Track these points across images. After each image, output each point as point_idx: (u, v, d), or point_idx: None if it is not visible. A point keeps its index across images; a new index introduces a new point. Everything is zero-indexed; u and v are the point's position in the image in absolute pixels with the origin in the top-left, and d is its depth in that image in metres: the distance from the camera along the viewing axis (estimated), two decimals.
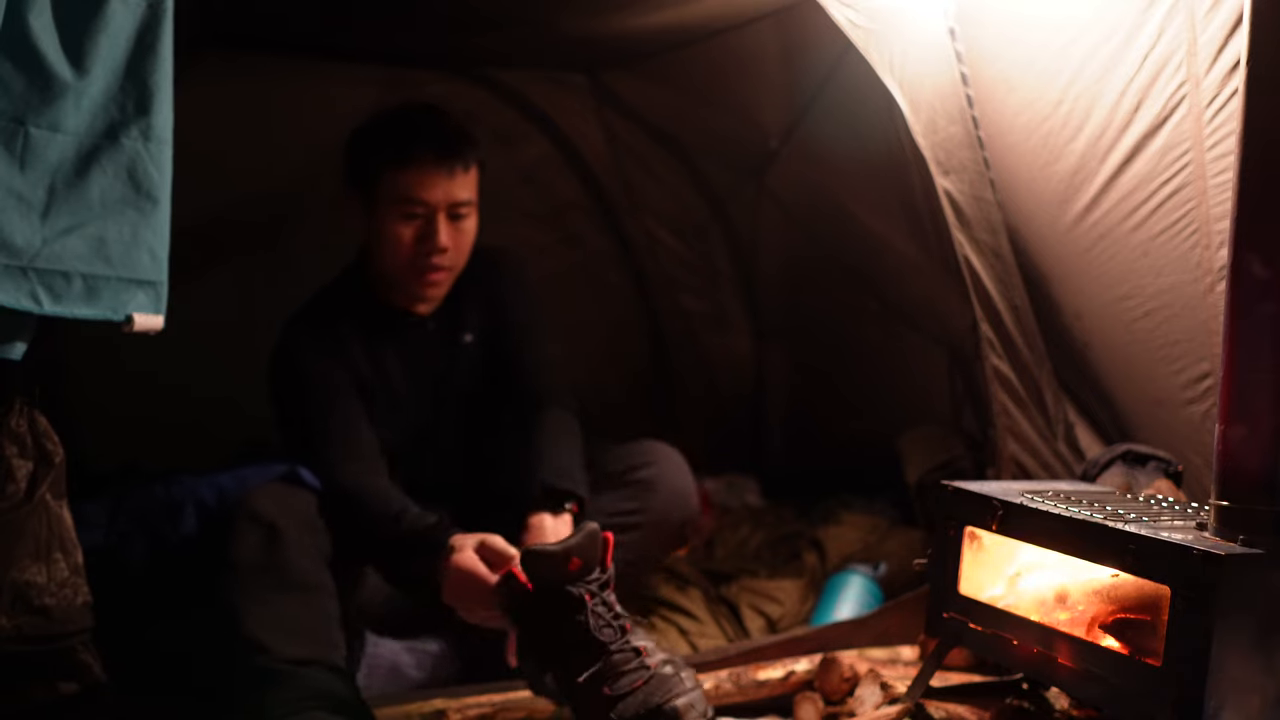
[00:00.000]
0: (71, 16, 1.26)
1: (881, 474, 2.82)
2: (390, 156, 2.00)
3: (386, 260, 2.05)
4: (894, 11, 1.94)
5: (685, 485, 2.15)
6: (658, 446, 2.17)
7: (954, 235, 2.05)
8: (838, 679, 1.80)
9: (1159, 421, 2.04)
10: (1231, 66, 1.63)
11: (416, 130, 2.03)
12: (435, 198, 1.99)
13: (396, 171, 1.99)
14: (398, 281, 2.08)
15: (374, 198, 2.02)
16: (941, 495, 1.66)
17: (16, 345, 1.28)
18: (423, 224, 2.01)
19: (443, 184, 1.99)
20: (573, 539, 1.60)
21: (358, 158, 2.07)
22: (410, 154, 1.99)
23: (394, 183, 1.99)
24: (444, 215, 2.01)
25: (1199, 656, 1.25)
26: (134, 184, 1.31)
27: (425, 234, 2.00)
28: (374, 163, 2.02)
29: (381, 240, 2.03)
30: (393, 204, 2.00)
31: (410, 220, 2.00)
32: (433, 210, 2.00)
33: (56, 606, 1.43)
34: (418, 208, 1.99)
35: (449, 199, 2.01)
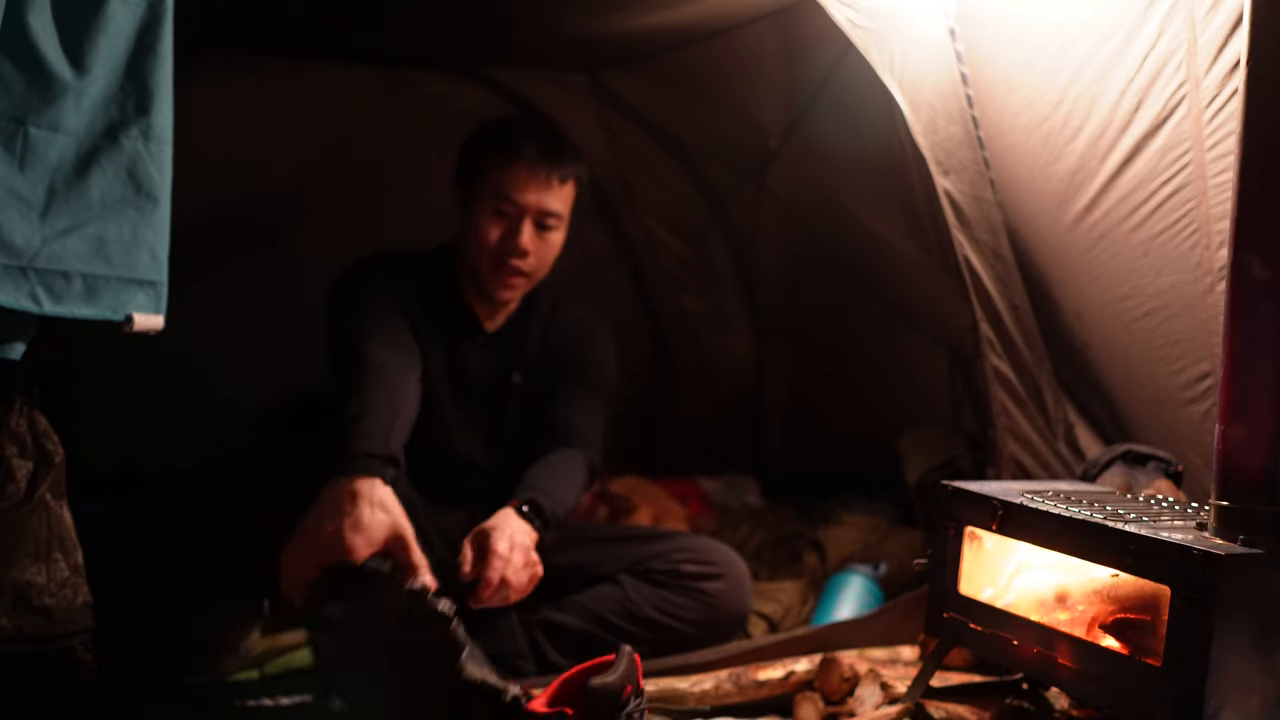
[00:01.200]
0: (71, 16, 1.26)
1: (881, 474, 2.82)
2: (495, 154, 2.08)
3: (471, 252, 2.10)
4: (894, 11, 1.94)
5: (746, 604, 2.11)
6: (730, 557, 2.13)
7: (954, 235, 2.05)
8: (838, 679, 1.80)
9: (1159, 421, 2.04)
10: (1231, 66, 1.63)
11: (525, 133, 2.11)
12: (528, 200, 2.05)
13: (497, 169, 2.06)
14: (477, 275, 2.11)
15: (473, 193, 2.09)
16: (941, 495, 1.66)
17: (16, 345, 1.28)
18: (510, 224, 2.06)
19: (537, 189, 2.05)
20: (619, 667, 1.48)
21: (466, 153, 2.15)
22: (514, 153, 2.06)
23: (493, 179, 2.06)
24: (531, 220, 2.06)
25: (1199, 656, 1.25)
26: (134, 184, 1.31)
27: (509, 232, 2.06)
28: (479, 159, 2.10)
29: (470, 234, 2.09)
30: (487, 199, 2.06)
31: (499, 218, 2.06)
32: (522, 212, 2.06)
33: (56, 606, 1.43)
34: (509, 206, 2.05)
35: (540, 205, 2.06)
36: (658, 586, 2.02)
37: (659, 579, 2.03)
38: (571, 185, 2.11)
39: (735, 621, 2.10)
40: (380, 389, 1.83)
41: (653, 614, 2.00)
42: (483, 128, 2.17)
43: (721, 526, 2.93)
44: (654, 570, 2.03)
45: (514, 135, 2.10)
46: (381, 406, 1.80)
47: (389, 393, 1.84)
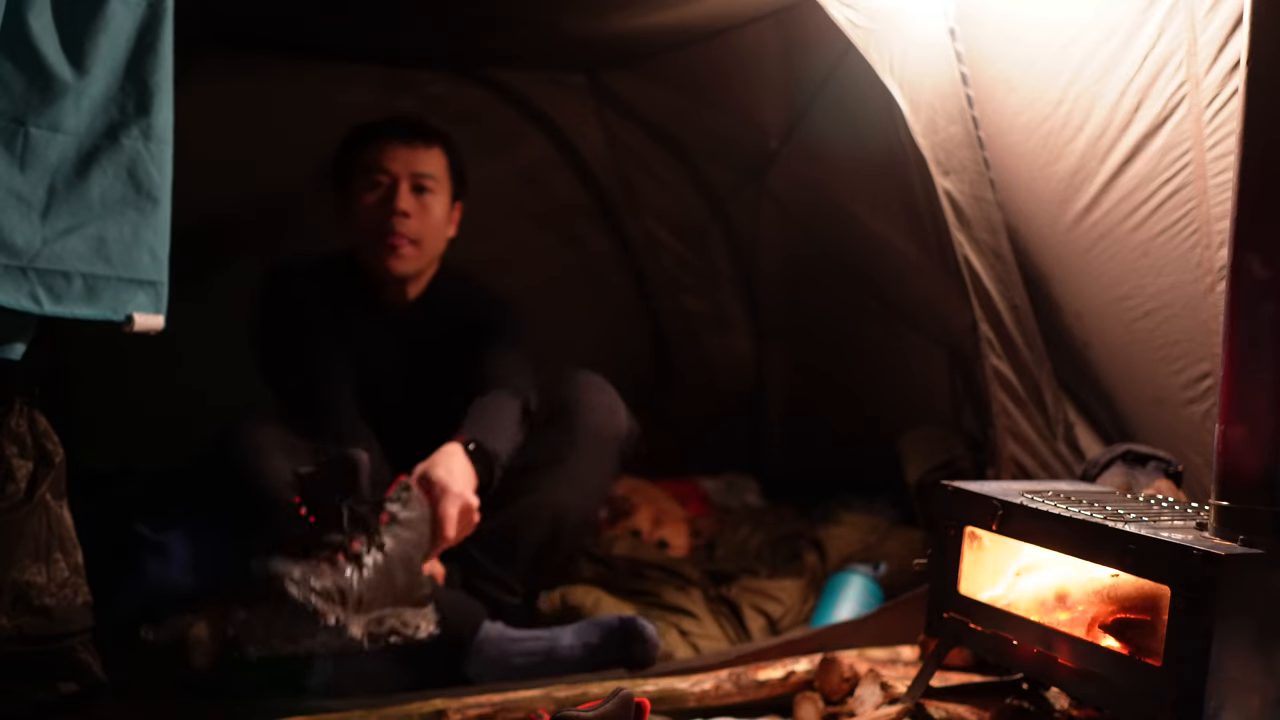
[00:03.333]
0: (71, 16, 1.27)
1: (881, 474, 2.82)
2: (359, 139, 2.18)
3: (359, 234, 2.16)
4: (894, 11, 1.94)
5: (608, 403, 2.15)
6: (576, 373, 2.20)
7: (954, 235, 2.06)
8: (838, 679, 1.80)
9: (1159, 421, 2.04)
10: (1231, 66, 1.63)
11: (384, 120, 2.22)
12: (396, 166, 2.13)
13: (363, 148, 2.16)
14: (368, 259, 2.16)
15: (348, 179, 2.16)
16: (942, 495, 1.66)
17: (16, 345, 1.28)
18: (385, 191, 2.13)
19: (404, 154, 2.13)
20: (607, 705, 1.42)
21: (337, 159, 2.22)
22: (375, 130, 2.16)
23: (362, 159, 2.15)
24: (407, 185, 2.13)
25: (1199, 656, 1.25)
26: (134, 184, 1.31)
27: (386, 198, 2.12)
28: (346, 153, 2.19)
29: (353, 216, 2.16)
30: (358, 175, 2.14)
31: (374, 189, 2.13)
32: (395, 179, 2.12)
33: (56, 606, 1.43)
34: (381, 175, 2.12)
35: (410, 168, 2.13)
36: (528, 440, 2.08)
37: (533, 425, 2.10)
38: (440, 151, 2.18)
39: (602, 416, 2.13)
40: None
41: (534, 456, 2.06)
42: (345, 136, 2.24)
43: (721, 526, 2.93)
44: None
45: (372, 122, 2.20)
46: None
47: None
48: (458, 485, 1.87)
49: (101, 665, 1.49)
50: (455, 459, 1.92)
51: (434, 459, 1.92)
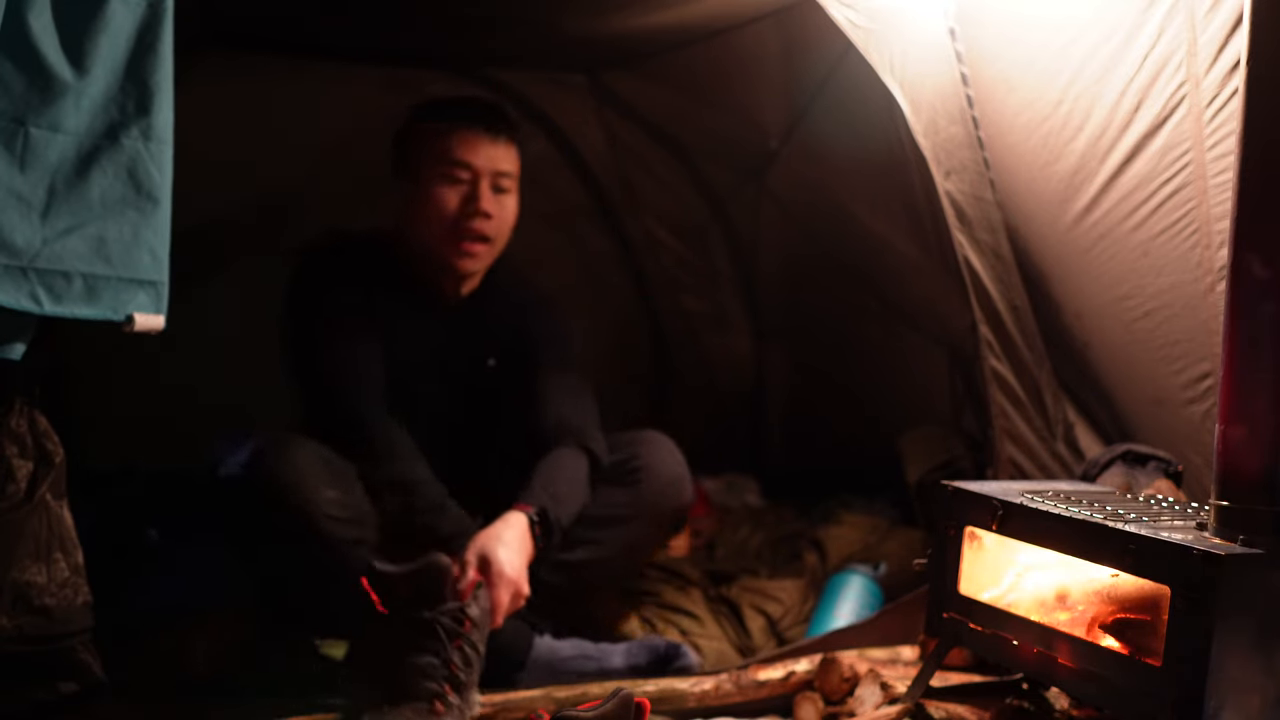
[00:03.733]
0: (71, 16, 1.27)
1: (881, 474, 2.82)
2: (435, 124, 2.03)
3: (428, 228, 2.03)
4: (894, 11, 1.94)
5: (676, 473, 2.11)
6: (647, 435, 2.15)
7: (954, 235, 2.05)
8: (838, 679, 1.80)
9: (1159, 421, 2.04)
10: (1231, 66, 1.63)
11: (462, 100, 2.10)
12: (479, 162, 2.01)
13: (441, 135, 2.01)
14: (434, 252, 2.05)
15: (418, 169, 2.03)
16: (942, 495, 1.66)
17: (16, 345, 1.28)
18: (466, 189, 2.01)
19: (486, 149, 2.01)
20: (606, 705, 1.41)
21: (402, 137, 2.09)
22: (456, 117, 2.02)
23: (439, 147, 2.01)
24: (488, 183, 2.01)
25: (1199, 656, 1.25)
26: (134, 184, 1.31)
27: (468, 197, 2.00)
28: (418, 136, 2.05)
29: (423, 206, 2.02)
30: (435, 165, 2.01)
31: (454, 184, 2.01)
32: (477, 175, 2.01)
33: (56, 606, 1.43)
34: (462, 171, 2.00)
35: (493, 166, 2.02)
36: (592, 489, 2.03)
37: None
38: (516, 147, 2.07)
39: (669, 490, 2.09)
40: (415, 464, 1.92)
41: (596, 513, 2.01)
42: (413, 111, 2.11)
43: (721, 526, 2.93)
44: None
45: (449, 104, 2.08)
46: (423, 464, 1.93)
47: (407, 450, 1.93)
48: (513, 569, 1.80)
49: (101, 665, 1.49)
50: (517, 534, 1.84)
51: (496, 532, 1.83)
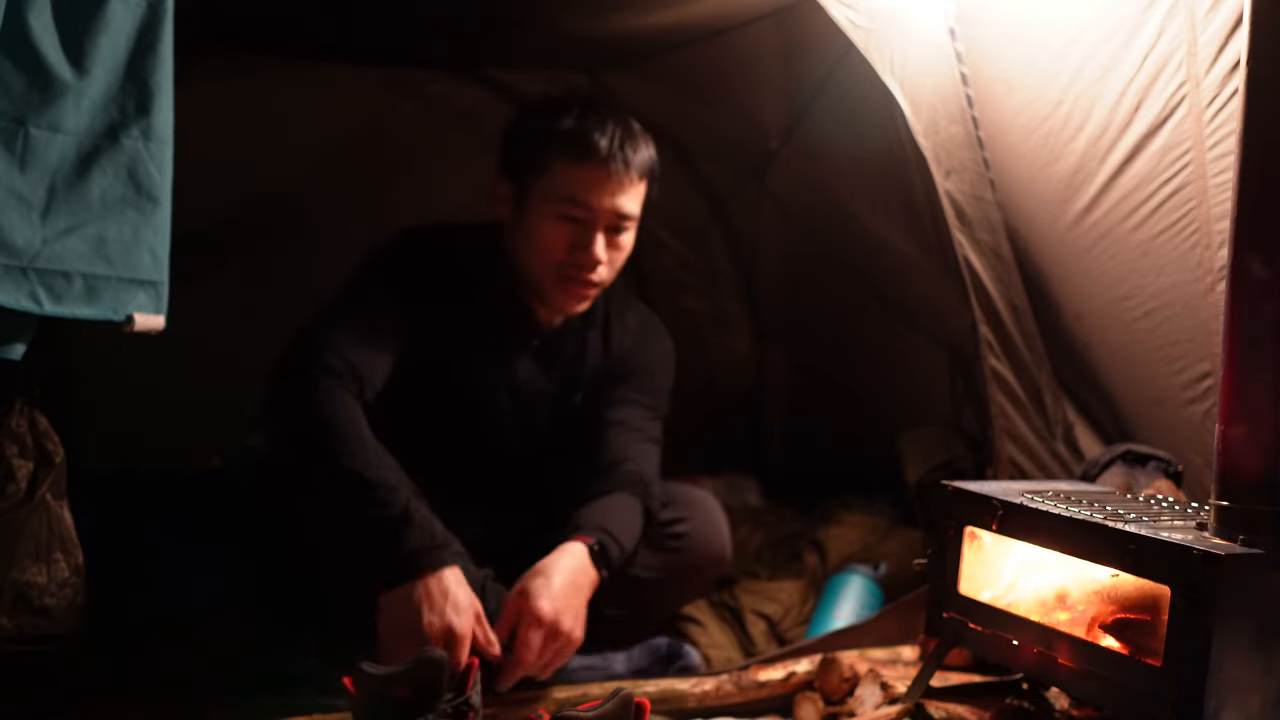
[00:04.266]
0: (71, 16, 1.27)
1: (881, 474, 2.82)
2: (563, 147, 1.79)
3: (531, 261, 1.86)
4: (894, 11, 1.94)
5: (719, 546, 2.01)
6: (695, 499, 2.02)
7: (954, 235, 2.06)
8: (838, 679, 1.80)
9: (1159, 421, 2.04)
10: (1231, 66, 1.63)
11: (599, 123, 1.81)
12: (602, 204, 1.79)
13: (567, 166, 1.79)
14: (537, 286, 1.88)
15: (532, 192, 1.83)
16: (941, 495, 1.66)
17: (17, 345, 1.28)
18: (580, 231, 1.81)
19: (613, 190, 1.79)
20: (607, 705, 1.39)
21: (523, 140, 1.86)
22: (588, 148, 1.78)
23: (561, 178, 1.79)
24: (604, 226, 1.81)
25: (1199, 656, 1.25)
26: (134, 184, 1.31)
27: (580, 243, 1.81)
28: (541, 150, 1.82)
29: (530, 241, 1.84)
30: (552, 201, 1.80)
31: (568, 224, 1.81)
32: (595, 218, 1.80)
33: (56, 606, 1.43)
34: (580, 211, 1.80)
35: (615, 209, 1.81)
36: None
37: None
38: (645, 183, 1.86)
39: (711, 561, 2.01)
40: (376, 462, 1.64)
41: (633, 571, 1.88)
42: (541, 110, 1.88)
43: None
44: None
45: (585, 125, 1.80)
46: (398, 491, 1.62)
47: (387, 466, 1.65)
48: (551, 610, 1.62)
49: (101, 665, 1.49)
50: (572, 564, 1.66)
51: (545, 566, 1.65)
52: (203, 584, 1.87)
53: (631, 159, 1.81)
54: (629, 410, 1.98)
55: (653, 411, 2.02)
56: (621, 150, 1.79)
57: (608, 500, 1.84)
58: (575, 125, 1.80)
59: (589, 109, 1.84)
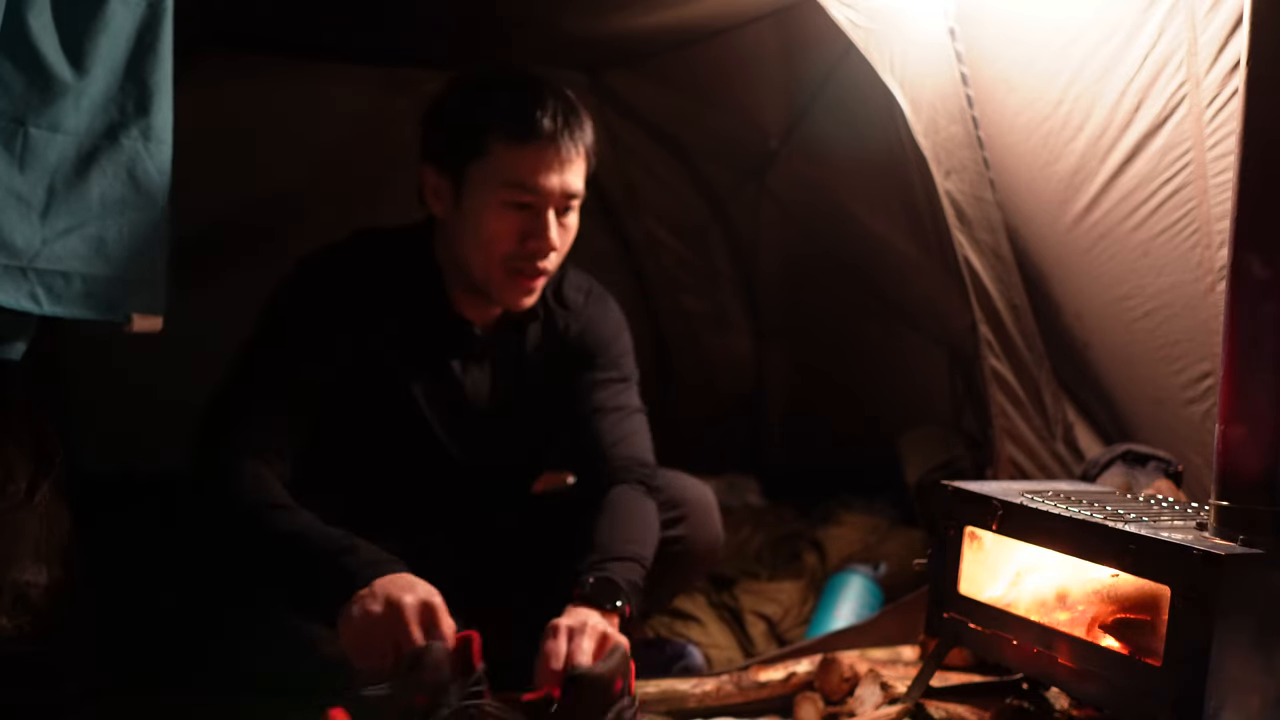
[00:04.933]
0: (71, 16, 1.27)
1: (881, 474, 2.82)
2: (503, 128, 1.65)
3: (475, 256, 1.72)
4: (894, 11, 1.94)
5: (714, 541, 1.96)
6: (690, 496, 1.94)
7: (954, 235, 2.06)
8: (838, 679, 1.80)
9: (1159, 421, 2.04)
10: (1232, 66, 1.63)
11: (539, 100, 1.67)
12: (551, 185, 1.66)
13: (509, 148, 1.65)
14: (481, 281, 1.75)
15: (470, 181, 1.69)
16: (942, 495, 1.66)
17: (16, 345, 1.28)
18: (529, 217, 1.68)
19: (560, 168, 1.66)
20: (611, 660, 1.39)
21: (457, 125, 1.70)
22: (530, 126, 1.64)
23: (504, 162, 1.65)
24: (555, 207, 1.69)
25: (1199, 656, 1.25)
26: (134, 184, 1.31)
27: (532, 230, 1.68)
28: (477, 134, 1.67)
29: (473, 233, 1.70)
30: (498, 187, 1.67)
31: (517, 210, 1.68)
32: (545, 200, 1.67)
33: (56, 607, 1.43)
34: (527, 195, 1.66)
35: (565, 189, 1.68)
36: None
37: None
38: (588, 154, 1.73)
39: (704, 561, 1.99)
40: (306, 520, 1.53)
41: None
42: (470, 90, 1.72)
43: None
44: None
45: (524, 102, 1.66)
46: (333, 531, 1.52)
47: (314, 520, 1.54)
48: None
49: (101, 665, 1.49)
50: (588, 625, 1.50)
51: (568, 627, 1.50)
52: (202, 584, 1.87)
53: (577, 133, 1.69)
54: (602, 392, 1.89)
55: (624, 381, 1.94)
56: (567, 125, 1.67)
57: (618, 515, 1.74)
58: (513, 103, 1.67)
59: (522, 84, 1.70)
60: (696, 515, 1.94)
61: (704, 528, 1.95)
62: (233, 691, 1.71)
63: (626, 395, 1.93)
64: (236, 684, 1.72)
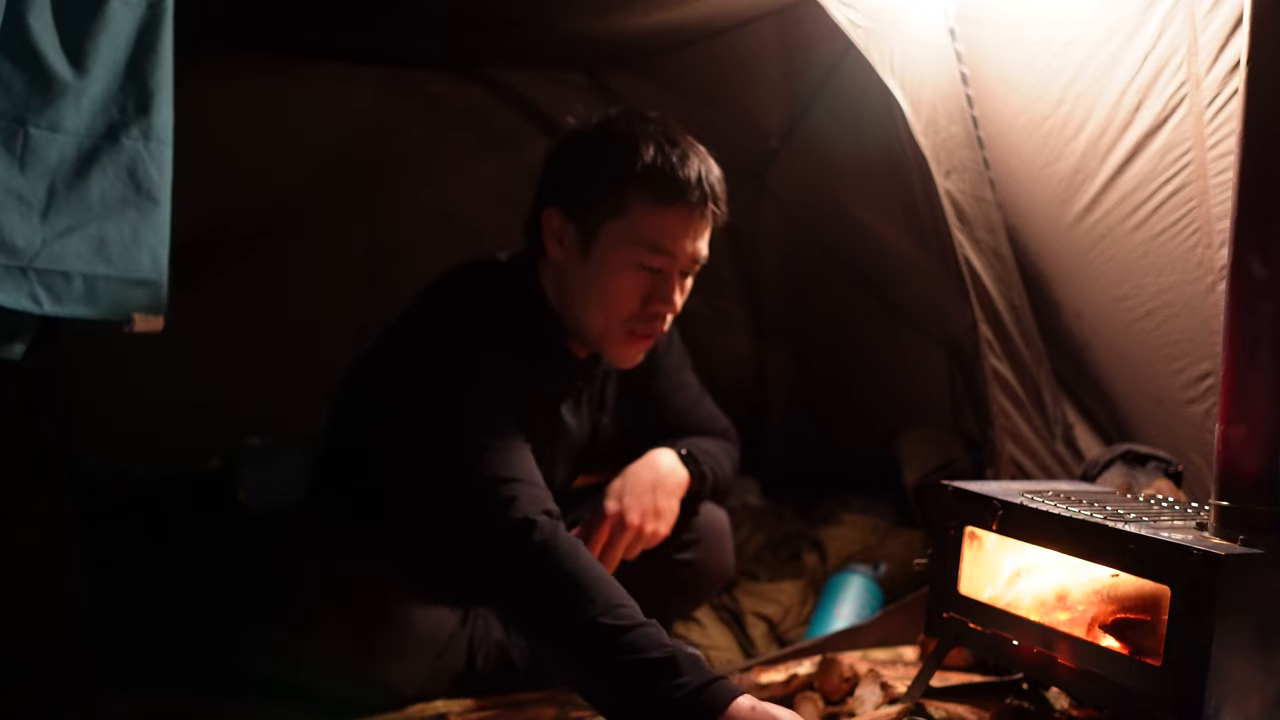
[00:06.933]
0: (71, 16, 1.26)
1: (881, 474, 2.82)
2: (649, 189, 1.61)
3: (596, 313, 1.68)
4: (894, 11, 1.94)
5: (724, 569, 1.98)
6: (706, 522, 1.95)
7: (954, 235, 2.06)
8: (838, 679, 1.80)
9: (1159, 421, 2.04)
10: (1232, 66, 1.63)
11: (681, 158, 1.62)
12: (685, 250, 1.64)
13: (650, 208, 1.61)
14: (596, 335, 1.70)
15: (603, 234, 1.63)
16: (942, 495, 1.66)
17: (17, 345, 1.28)
18: (658, 279, 1.66)
19: (694, 235, 1.64)
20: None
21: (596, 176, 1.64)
22: (675, 189, 1.60)
23: (644, 223, 1.61)
24: (681, 270, 1.69)
25: (1199, 656, 1.25)
26: (134, 184, 1.31)
27: (658, 293, 1.66)
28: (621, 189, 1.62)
29: (599, 289, 1.66)
30: (633, 247, 1.62)
31: (646, 273, 1.65)
32: (676, 264, 1.66)
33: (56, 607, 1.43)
34: (660, 260, 1.64)
35: (696, 254, 1.67)
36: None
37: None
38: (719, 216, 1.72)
39: (712, 587, 2.02)
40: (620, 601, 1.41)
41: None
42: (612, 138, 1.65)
43: None
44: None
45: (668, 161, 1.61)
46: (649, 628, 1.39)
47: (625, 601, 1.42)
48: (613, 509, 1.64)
49: (101, 665, 1.49)
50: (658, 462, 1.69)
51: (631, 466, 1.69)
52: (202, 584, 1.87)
53: (717, 195, 1.66)
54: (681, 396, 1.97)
55: (687, 369, 2.00)
56: (708, 187, 1.64)
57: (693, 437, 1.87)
58: (657, 161, 1.61)
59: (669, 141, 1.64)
60: (710, 541, 1.93)
61: (716, 554, 1.96)
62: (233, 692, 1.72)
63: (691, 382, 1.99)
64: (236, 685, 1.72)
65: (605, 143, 1.66)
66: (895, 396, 3.03)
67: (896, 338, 2.95)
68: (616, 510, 1.69)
